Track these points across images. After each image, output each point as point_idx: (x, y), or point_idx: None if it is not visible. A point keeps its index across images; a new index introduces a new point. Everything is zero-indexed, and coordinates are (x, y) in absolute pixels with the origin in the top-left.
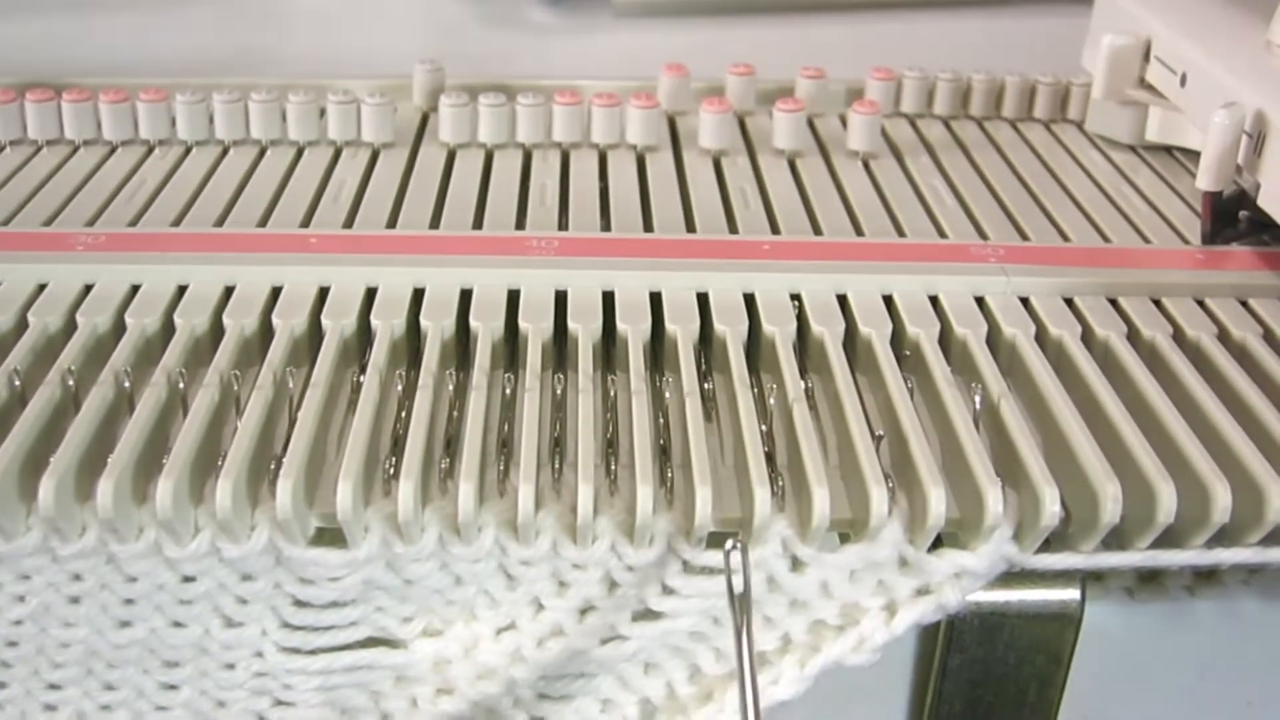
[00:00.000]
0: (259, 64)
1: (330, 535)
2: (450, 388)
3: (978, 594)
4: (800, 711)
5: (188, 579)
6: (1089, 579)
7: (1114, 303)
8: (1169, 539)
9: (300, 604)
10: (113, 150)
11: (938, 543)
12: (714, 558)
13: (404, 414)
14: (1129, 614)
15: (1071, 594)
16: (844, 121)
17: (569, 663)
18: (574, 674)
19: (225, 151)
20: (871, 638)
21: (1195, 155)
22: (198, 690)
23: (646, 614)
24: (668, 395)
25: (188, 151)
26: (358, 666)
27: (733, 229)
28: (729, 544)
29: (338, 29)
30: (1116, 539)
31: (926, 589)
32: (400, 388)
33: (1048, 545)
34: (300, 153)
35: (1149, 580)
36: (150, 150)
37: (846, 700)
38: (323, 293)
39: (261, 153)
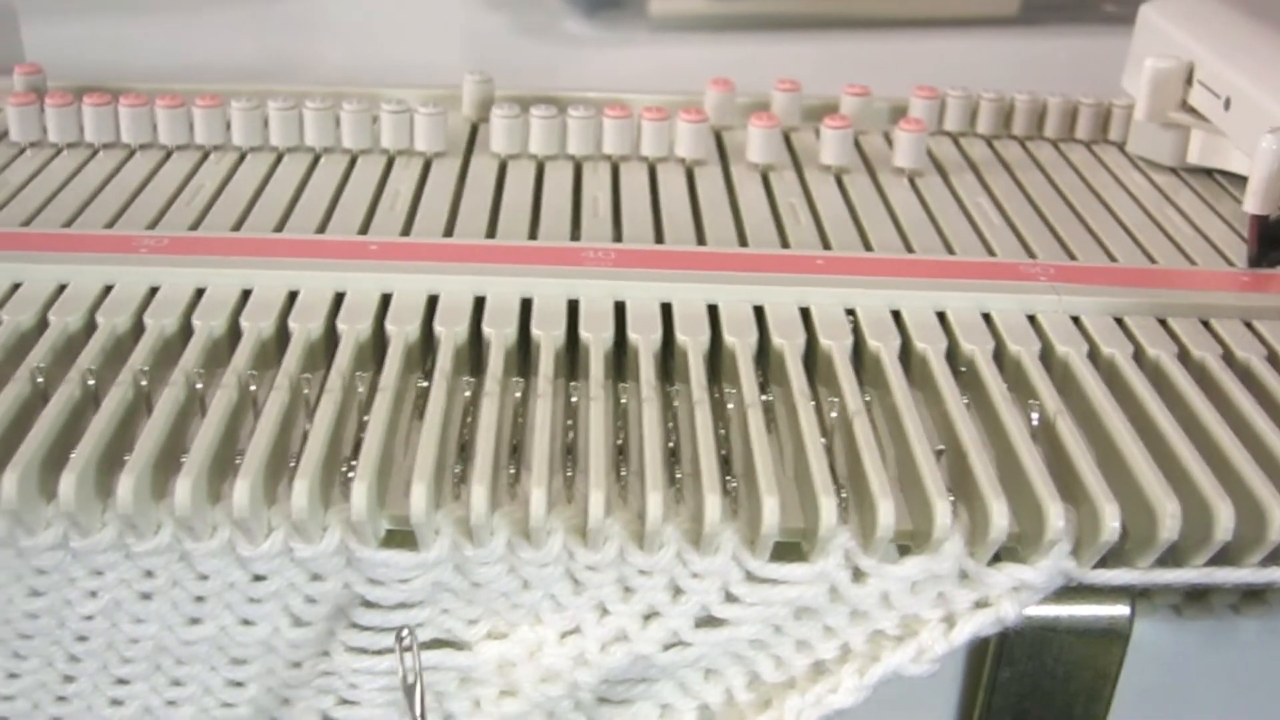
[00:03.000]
0: (298, 73)
1: (399, 538)
2: (516, 395)
3: (1029, 609)
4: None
5: (258, 578)
6: (1137, 596)
7: (1163, 323)
8: (1222, 557)
9: (368, 605)
10: (168, 155)
11: (995, 557)
12: (778, 569)
13: (468, 420)
14: (1176, 631)
15: (1121, 610)
16: (888, 139)
17: (631, 667)
18: (635, 678)
19: (280, 158)
20: (931, 649)
21: (1237, 178)
22: (264, 688)
23: (709, 620)
24: (729, 406)
25: (242, 157)
26: (423, 667)
27: (784, 243)
28: (402, 631)
29: (376, 40)
30: (1171, 556)
31: (985, 602)
32: (468, 394)
33: (1102, 561)
34: (354, 161)
35: (1196, 598)
36: (205, 155)
37: (897, 712)
38: (384, 299)
39: (315, 160)
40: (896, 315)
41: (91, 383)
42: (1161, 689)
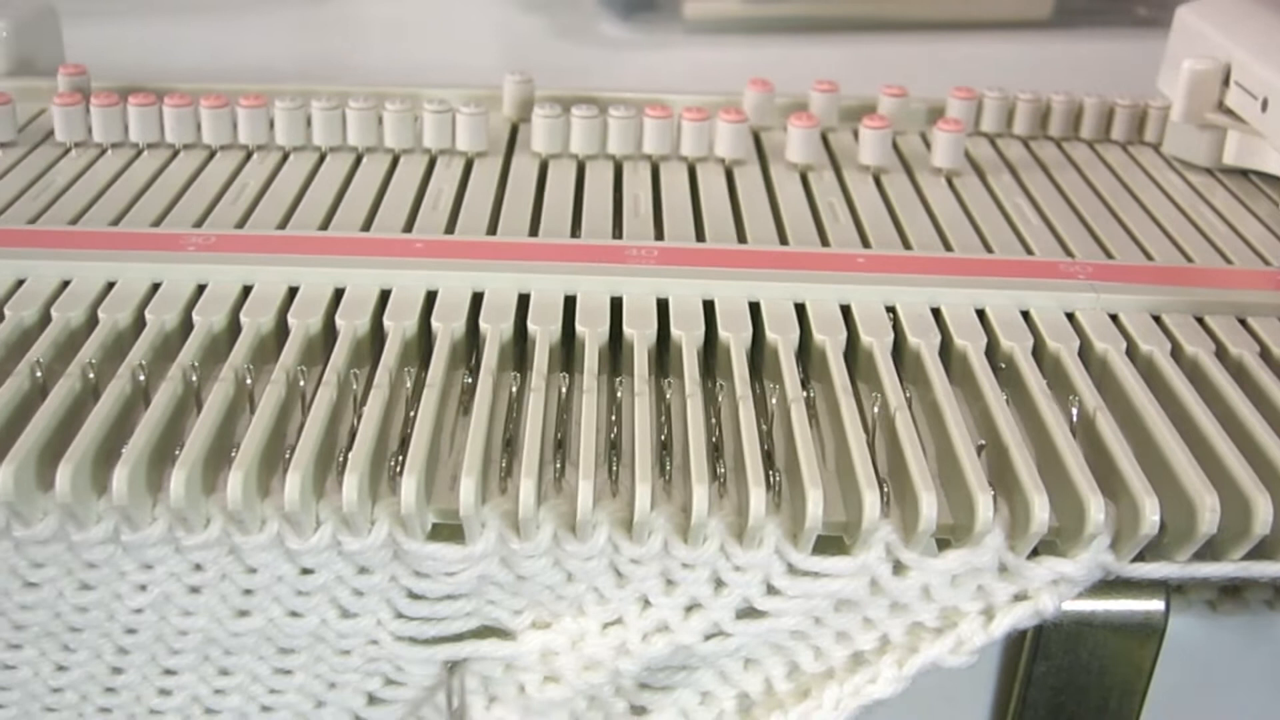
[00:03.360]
0: (335, 77)
1: (444, 532)
2: (561, 389)
3: (1065, 603)
4: (885, 713)
5: (306, 571)
6: (1173, 591)
7: (1200, 321)
8: (1260, 551)
9: (415, 596)
10: (212, 154)
11: (1034, 551)
12: (819, 562)
13: (513, 416)
14: (1210, 627)
15: (1156, 605)
16: (925, 140)
17: (672, 657)
18: (675, 666)
19: (323, 157)
20: (970, 640)
21: (1273, 179)
22: (311, 675)
23: (750, 612)
24: (772, 401)
25: (286, 157)
26: (469, 656)
27: (824, 242)
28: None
29: (412, 44)
30: (1209, 550)
31: (1024, 595)
32: (514, 389)
33: (1140, 555)
34: (396, 160)
35: (1231, 594)
36: (249, 155)
37: (934, 704)
38: (430, 296)
39: (358, 160)
40: (936, 313)
41: (142, 379)
42: (1195, 684)
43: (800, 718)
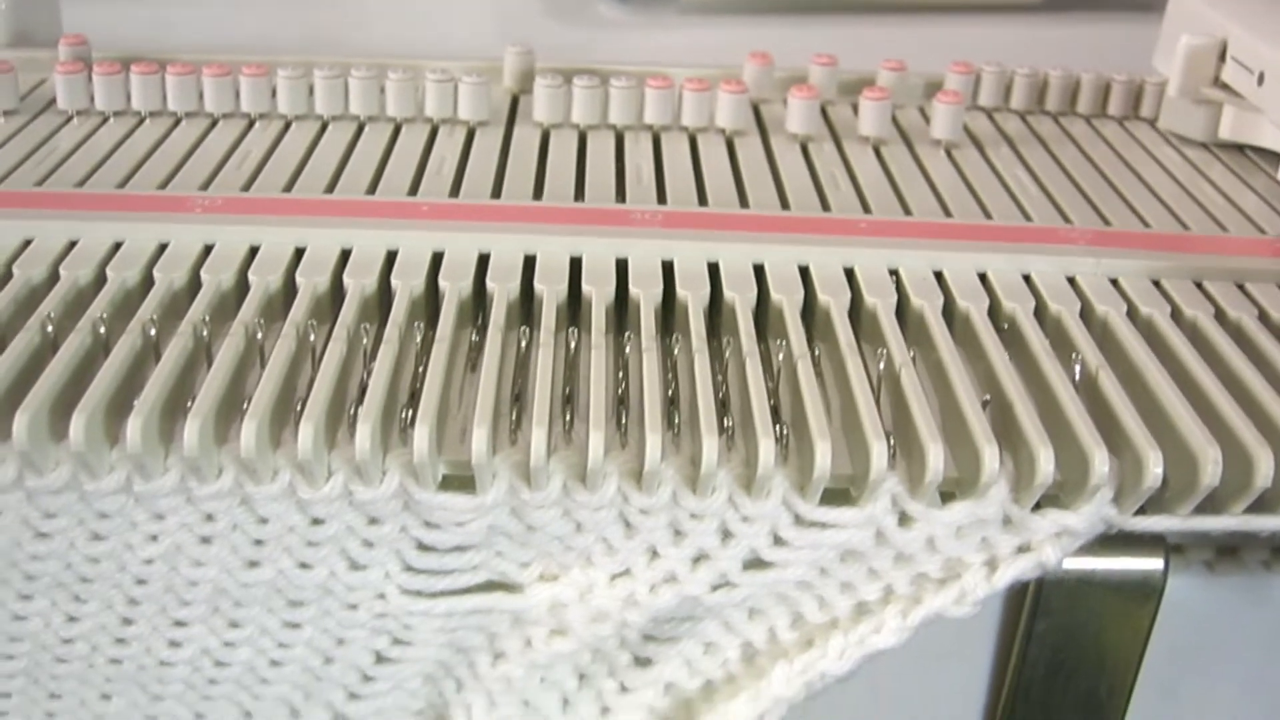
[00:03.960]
0: (328, 50)
1: (455, 484)
2: (568, 345)
3: (1066, 561)
4: (887, 670)
5: (316, 521)
6: (1171, 552)
7: (1199, 286)
8: (1259, 506)
9: (424, 548)
10: (214, 123)
11: (1037, 505)
12: (826, 513)
13: (520, 373)
14: (1208, 586)
15: (1155, 564)
16: (924, 114)
17: (678, 608)
18: (681, 617)
19: (325, 126)
20: (973, 591)
21: (1268, 153)
22: (320, 629)
23: (757, 563)
24: (777, 359)
25: (288, 125)
26: (476, 610)
27: (826, 207)
28: None
29: (409, 22)
30: (1209, 506)
31: (1027, 547)
32: (522, 344)
33: (1141, 511)
34: (398, 129)
35: (1228, 555)
36: (251, 123)
37: (935, 663)
38: (436, 257)
39: (360, 128)
40: (939, 276)
41: (152, 333)
42: (1193, 643)
43: (805, 667)
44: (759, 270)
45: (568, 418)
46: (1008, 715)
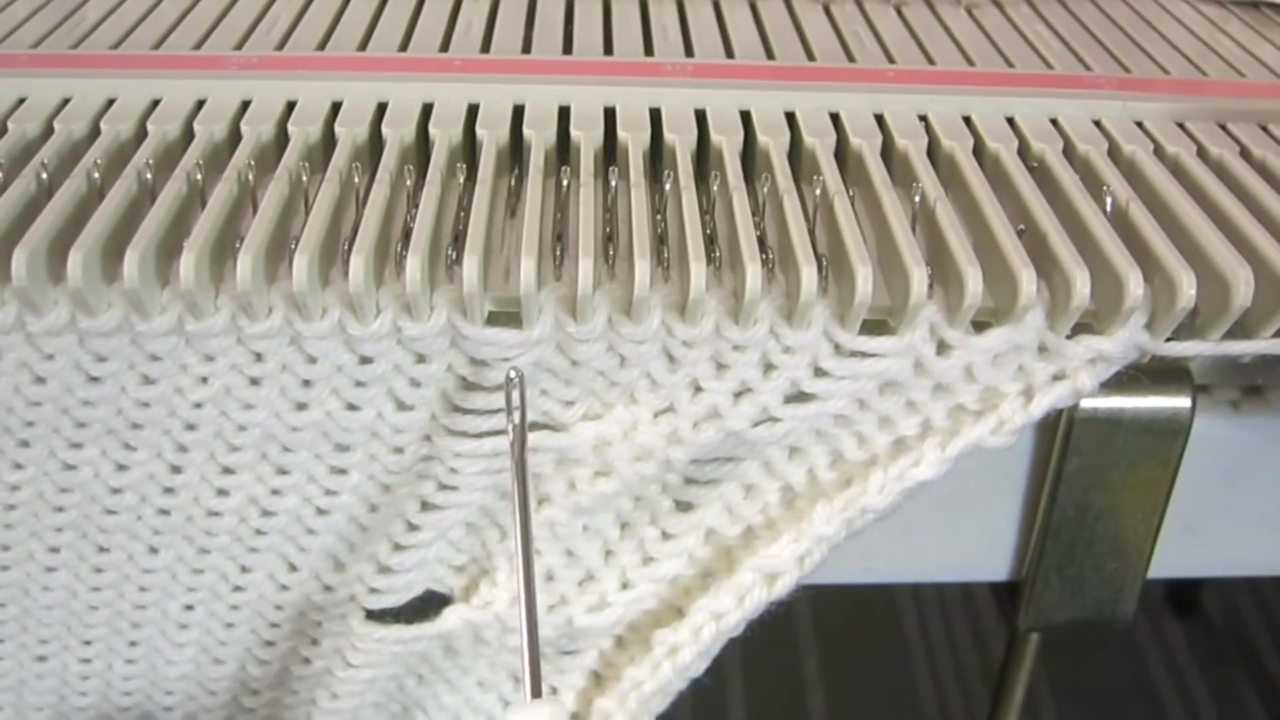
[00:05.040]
0: None
1: (501, 320)
2: (607, 189)
3: (1094, 401)
4: (919, 511)
5: (365, 360)
6: (1198, 392)
7: (1223, 127)
8: None
9: (469, 387)
10: None
11: (1071, 335)
12: (866, 342)
13: (561, 215)
14: (1234, 426)
15: (1183, 402)
16: None
17: (720, 445)
18: (722, 458)
19: None
20: (1010, 420)
21: None
22: (366, 475)
23: (798, 396)
24: (814, 198)
25: None
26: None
27: (852, 60)
28: (511, 373)
29: None
30: (1239, 330)
31: (1063, 375)
32: (565, 185)
33: (1173, 339)
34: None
35: (1253, 394)
36: None
37: (965, 503)
38: (471, 109)
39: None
40: (967, 121)
41: (198, 178)
42: (1219, 482)
43: (845, 504)
44: (790, 118)
45: (611, 255)
46: (1037, 555)
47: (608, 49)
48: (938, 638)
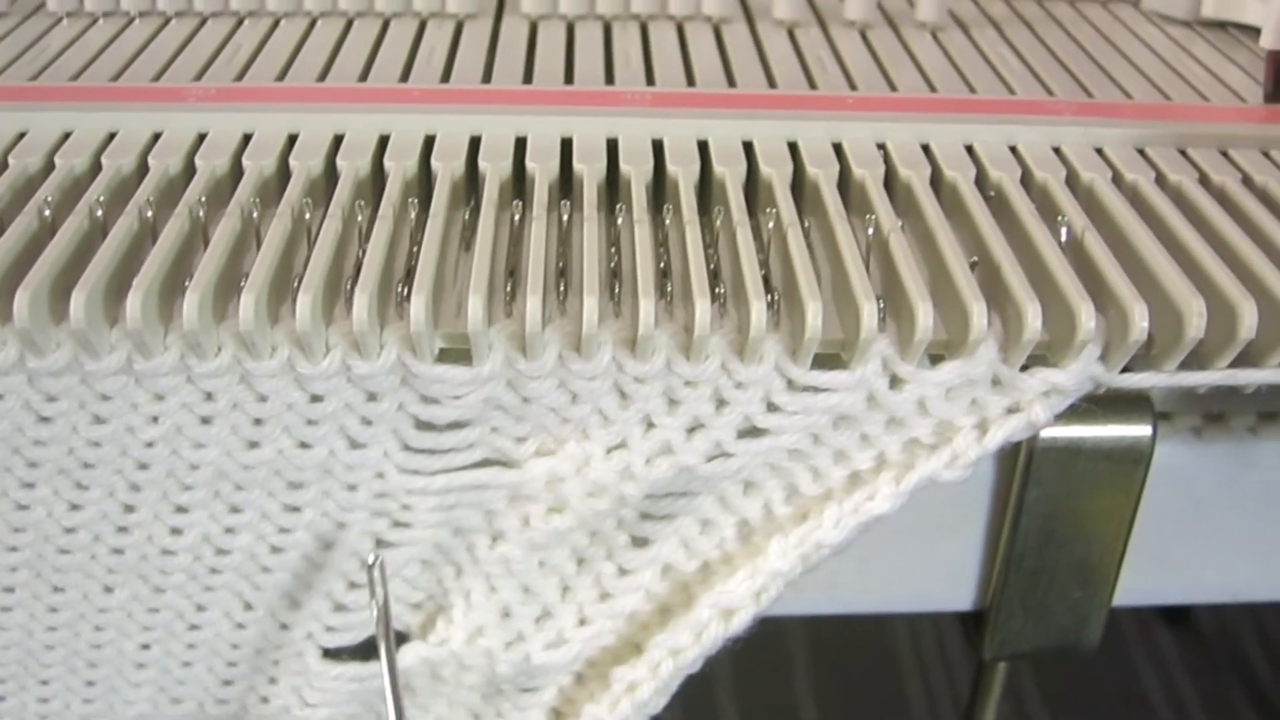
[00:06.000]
0: None
1: (452, 357)
2: (561, 222)
3: (1055, 430)
4: (881, 541)
5: (315, 399)
6: (1158, 419)
7: (1183, 153)
8: (1242, 361)
9: (421, 425)
10: (204, 21)
11: (1024, 366)
12: (819, 376)
13: (515, 248)
14: (1196, 453)
15: (1144, 430)
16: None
17: (674, 480)
18: (677, 493)
19: (314, 22)
20: (965, 454)
21: (1250, 30)
22: (320, 512)
23: (752, 431)
24: (768, 227)
25: (277, 23)
26: (474, 486)
27: (813, 87)
28: (371, 558)
29: None
30: (1195, 362)
31: (1017, 407)
32: (516, 219)
33: (1128, 369)
34: (387, 24)
35: (1215, 421)
36: (240, 21)
37: (927, 535)
38: (428, 140)
39: (349, 23)
40: (926, 149)
41: (149, 215)
42: (1182, 509)
43: (800, 539)
44: (748, 147)
45: (562, 289)
46: (1001, 585)
47: (569, 76)
48: (930, 654)
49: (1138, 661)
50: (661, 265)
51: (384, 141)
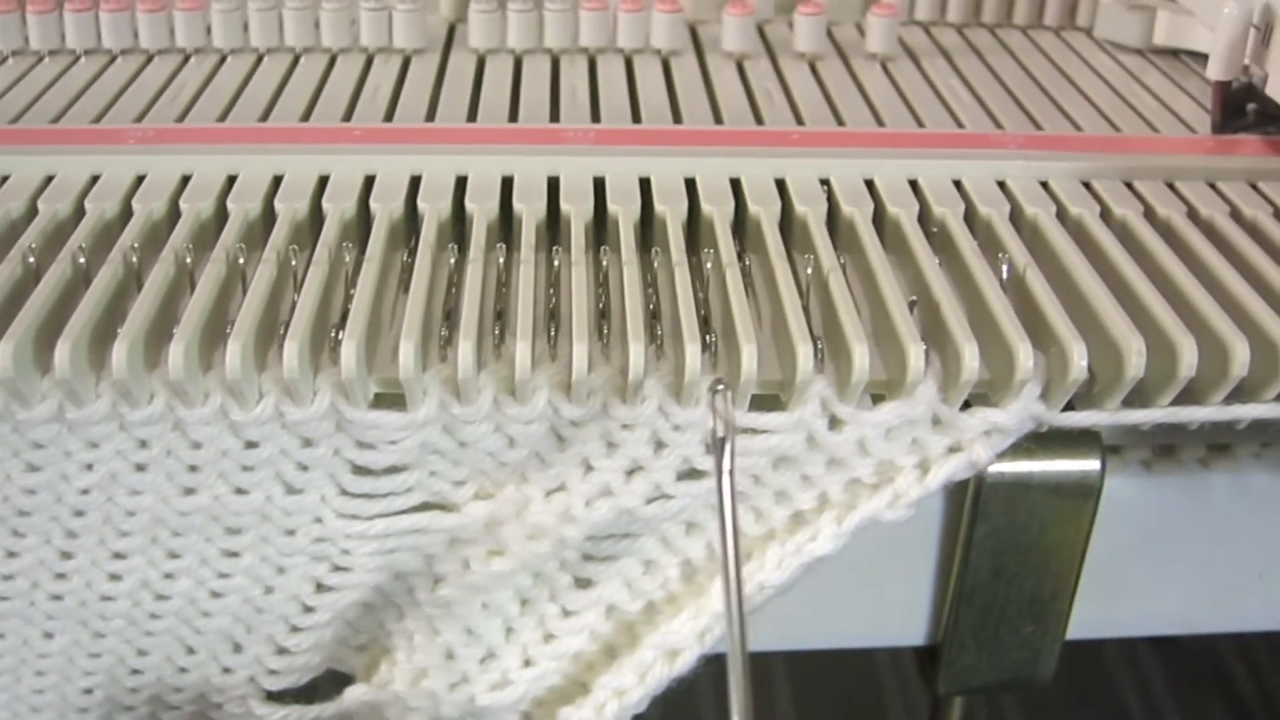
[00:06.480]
0: None
1: (387, 402)
2: (499, 263)
3: (1002, 465)
4: (833, 577)
5: (250, 445)
6: (1108, 453)
7: (1129, 186)
8: (1187, 398)
9: (358, 470)
10: (150, 59)
11: (966, 405)
12: (757, 418)
13: (453, 290)
14: (1146, 486)
15: (1092, 465)
16: (860, 29)
17: (615, 522)
18: (619, 534)
19: (260, 59)
20: (906, 494)
21: (1201, 57)
22: (259, 557)
23: (691, 473)
24: (707, 267)
25: (223, 60)
26: (413, 530)
27: (759, 121)
28: (713, 383)
29: None
30: (1138, 399)
31: (958, 447)
32: (452, 262)
33: (1070, 406)
34: (333, 60)
35: (1165, 454)
36: (186, 59)
37: (876, 572)
38: (368, 180)
39: (295, 60)
40: (870, 184)
41: (82, 261)
42: (1133, 543)
43: (744, 579)
44: (690, 184)
45: (498, 333)
46: (953, 621)
47: (514, 113)
48: (909, 669)
49: (1119, 678)
50: (600, 306)
51: (324, 182)
